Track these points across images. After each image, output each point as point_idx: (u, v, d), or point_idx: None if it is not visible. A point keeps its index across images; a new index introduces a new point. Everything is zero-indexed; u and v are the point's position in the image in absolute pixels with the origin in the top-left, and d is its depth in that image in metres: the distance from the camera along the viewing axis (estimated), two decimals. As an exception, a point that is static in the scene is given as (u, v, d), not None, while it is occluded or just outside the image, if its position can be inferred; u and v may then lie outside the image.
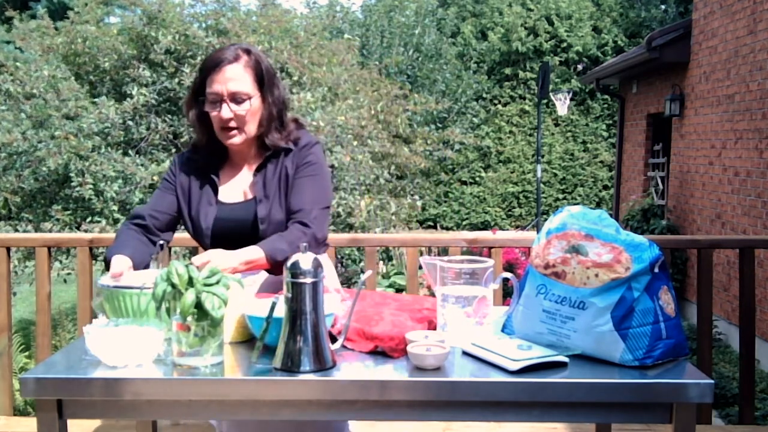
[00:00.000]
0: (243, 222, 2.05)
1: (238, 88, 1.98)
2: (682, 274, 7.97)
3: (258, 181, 2.07)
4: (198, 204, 2.08)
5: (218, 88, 1.98)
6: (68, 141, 5.05)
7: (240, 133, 2.02)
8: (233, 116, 1.99)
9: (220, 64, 1.98)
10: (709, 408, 3.25)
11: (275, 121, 2.06)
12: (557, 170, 14.86)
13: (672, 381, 1.50)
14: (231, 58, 1.99)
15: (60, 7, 16.04)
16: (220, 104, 1.99)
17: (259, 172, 2.08)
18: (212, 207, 2.07)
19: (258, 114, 2.03)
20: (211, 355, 1.54)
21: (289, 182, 2.05)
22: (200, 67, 2.06)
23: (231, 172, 2.13)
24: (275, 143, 2.06)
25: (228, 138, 2.03)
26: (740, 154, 6.82)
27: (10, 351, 3.22)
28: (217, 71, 1.98)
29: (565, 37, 14.67)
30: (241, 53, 2.01)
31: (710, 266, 3.09)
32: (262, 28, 5.90)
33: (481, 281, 1.70)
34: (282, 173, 2.06)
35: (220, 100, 1.98)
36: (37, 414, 1.53)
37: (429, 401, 1.51)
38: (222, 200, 2.08)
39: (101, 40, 5.83)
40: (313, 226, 1.99)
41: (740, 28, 6.91)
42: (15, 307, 4.28)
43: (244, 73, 1.99)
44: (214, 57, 2.01)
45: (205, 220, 2.05)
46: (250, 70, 2.00)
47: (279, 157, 2.08)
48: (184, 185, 2.12)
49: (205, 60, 2.05)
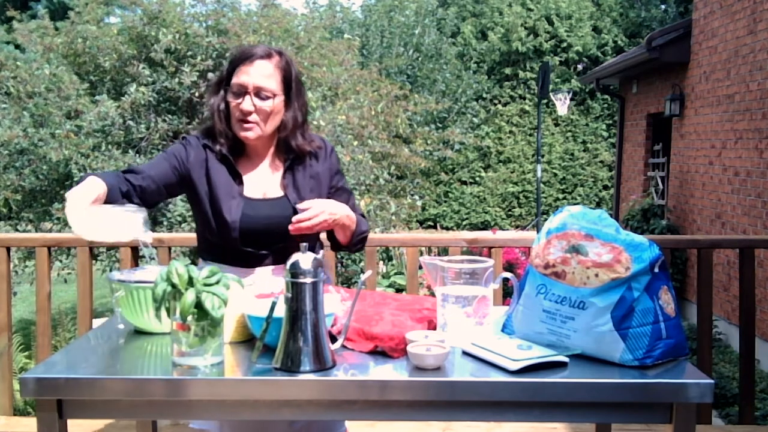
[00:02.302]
0: (276, 219, 2.02)
1: (264, 84, 1.99)
2: (682, 274, 7.97)
3: (288, 182, 2.08)
4: (220, 195, 2.03)
5: (245, 80, 1.99)
6: (69, 139, 5.05)
7: (256, 128, 2.01)
8: (254, 110, 1.99)
9: (251, 57, 2.00)
10: (709, 408, 3.25)
11: (299, 127, 2.08)
12: (557, 170, 14.86)
13: (672, 381, 1.50)
14: (263, 54, 2.01)
15: (60, 7, 16.05)
16: (243, 96, 1.99)
17: (288, 173, 2.09)
18: (236, 200, 2.02)
19: (278, 115, 2.04)
20: (211, 355, 1.54)
21: (318, 185, 2.10)
22: (230, 58, 2.06)
23: (250, 167, 2.11)
24: (301, 147, 2.08)
25: (243, 130, 2.02)
26: (740, 154, 6.82)
27: (10, 351, 3.22)
28: (247, 64, 1.99)
29: (565, 37, 14.67)
30: (274, 53, 2.03)
31: (710, 266, 3.09)
32: (263, 29, 5.90)
33: (481, 281, 1.70)
34: (312, 176, 2.11)
35: (245, 92, 1.99)
36: (37, 414, 1.53)
37: (429, 401, 1.51)
38: (247, 195, 2.05)
39: (101, 40, 5.83)
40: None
41: (740, 28, 6.91)
42: (15, 307, 4.28)
43: (273, 72, 2.01)
44: (246, 50, 2.02)
45: (229, 213, 2.01)
46: (279, 71, 2.02)
47: (305, 160, 2.11)
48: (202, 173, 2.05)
49: (237, 52, 2.06)
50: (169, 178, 2.03)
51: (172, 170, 2.04)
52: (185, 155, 2.06)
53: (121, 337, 1.81)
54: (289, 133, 2.06)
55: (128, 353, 1.71)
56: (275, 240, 2.01)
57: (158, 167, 2.03)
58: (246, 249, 2.02)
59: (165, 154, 2.07)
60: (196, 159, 2.06)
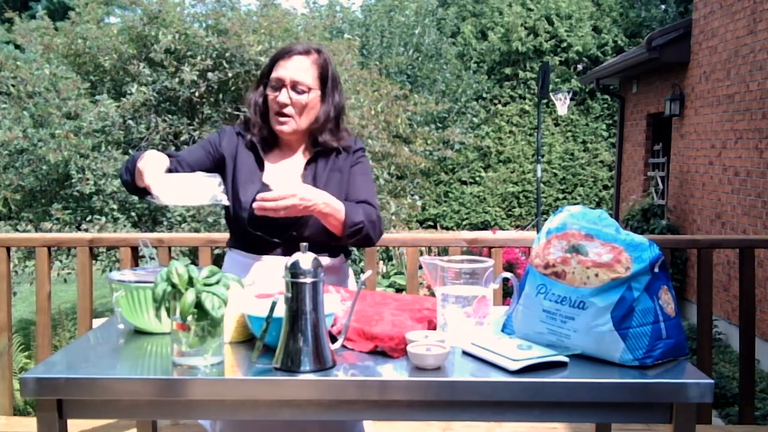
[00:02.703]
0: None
1: (300, 78, 2.06)
2: (682, 274, 7.96)
3: (308, 173, 2.13)
4: (242, 176, 2.11)
5: (282, 74, 2.07)
6: (68, 139, 5.05)
7: (292, 122, 2.09)
8: (290, 103, 2.07)
9: (290, 53, 2.09)
10: (709, 408, 3.25)
11: (331, 123, 2.14)
12: (557, 170, 14.86)
13: (672, 381, 1.50)
14: (302, 51, 2.10)
15: (60, 7, 16.04)
16: (280, 89, 2.07)
17: (310, 164, 2.14)
18: (254, 185, 2.10)
19: (314, 110, 2.11)
20: (211, 355, 1.54)
21: (341, 179, 2.12)
22: (272, 55, 2.16)
23: (277, 158, 2.18)
24: (326, 142, 2.13)
25: (279, 124, 2.10)
26: (740, 154, 6.82)
27: (10, 351, 3.22)
28: (285, 58, 2.08)
29: (565, 37, 14.67)
30: (312, 50, 2.11)
31: (710, 266, 3.09)
32: (263, 29, 5.90)
33: (481, 281, 1.70)
34: (334, 169, 2.13)
35: (282, 85, 2.07)
36: (37, 414, 1.53)
37: (429, 401, 1.51)
38: (266, 181, 2.12)
39: (101, 40, 5.84)
40: (378, 212, 2.08)
41: (740, 28, 6.91)
42: (15, 307, 4.28)
43: (310, 67, 2.09)
44: (286, 47, 2.13)
45: (244, 194, 2.08)
46: (316, 67, 2.09)
47: (330, 155, 2.15)
48: (231, 155, 2.15)
49: (278, 49, 2.17)
50: (204, 164, 2.12)
51: (206, 155, 2.14)
52: (218, 141, 2.17)
53: (121, 337, 1.81)
54: (319, 127, 2.12)
55: (128, 353, 1.71)
56: (285, 228, 2.04)
57: (194, 153, 2.14)
58: (257, 233, 2.06)
59: (201, 142, 2.21)
60: (228, 144, 2.16)
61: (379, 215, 2.09)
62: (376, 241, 2.07)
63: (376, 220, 2.05)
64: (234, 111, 6.01)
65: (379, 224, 2.07)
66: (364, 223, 2.00)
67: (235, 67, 5.71)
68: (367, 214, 2.02)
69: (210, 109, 6.01)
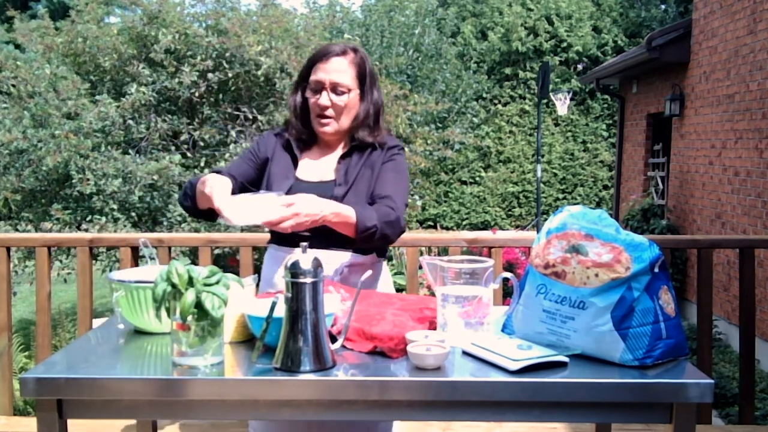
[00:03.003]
0: None
1: (339, 80, 2.08)
2: (682, 274, 7.96)
3: (341, 168, 2.14)
4: (277, 172, 2.15)
5: (322, 77, 2.09)
6: (68, 140, 5.05)
7: (334, 123, 2.12)
8: (331, 105, 2.09)
9: (327, 55, 2.11)
10: (709, 408, 3.25)
11: (369, 119, 2.16)
12: (557, 170, 14.86)
13: (672, 381, 1.50)
14: (339, 52, 2.11)
15: (60, 7, 16.04)
16: (320, 92, 2.10)
17: (344, 159, 2.16)
18: (288, 180, 2.13)
19: (354, 109, 2.13)
20: (211, 355, 1.54)
21: (371, 176, 2.13)
22: (309, 57, 2.18)
23: (315, 155, 2.20)
24: (363, 138, 2.15)
25: (321, 125, 2.13)
26: (740, 154, 6.82)
27: (10, 351, 3.22)
28: (323, 61, 2.10)
29: (565, 37, 14.66)
30: (349, 50, 2.13)
31: (710, 266, 3.09)
32: (263, 28, 5.90)
33: (481, 281, 1.70)
34: (366, 165, 2.14)
35: (322, 88, 2.09)
36: (37, 414, 1.53)
37: (429, 401, 1.51)
38: (299, 176, 2.15)
39: (101, 40, 5.84)
40: (398, 212, 2.04)
41: (740, 28, 6.91)
42: (15, 307, 4.28)
43: (348, 68, 2.10)
44: (323, 48, 2.14)
45: (278, 188, 2.09)
46: (354, 66, 2.11)
47: (365, 151, 2.16)
48: (269, 154, 2.20)
49: (315, 51, 2.18)
50: (249, 175, 2.18)
51: (249, 165, 2.20)
52: (257, 148, 2.23)
53: (121, 337, 1.81)
54: (357, 125, 2.14)
55: (128, 353, 1.71)
56: None
57: (239, 167, 2.19)
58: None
59: (243, 153, 2.25)
60: (266, 147, 2.22)
61: (400, 214, 2.04)
62: (395, 240, 2.05)
63: (394, 220, 2.01)
64: (234, 111, 6.01)
65: (399, 223, 2.02)
66: (377, 226, 1.95)
67: (235, 68, 5.71)
68: (383, 216, 1.98)
69: (210, 109, 6.01)
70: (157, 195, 5.43)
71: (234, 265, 5.29)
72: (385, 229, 1.98)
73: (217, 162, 5.62)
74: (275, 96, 6.04)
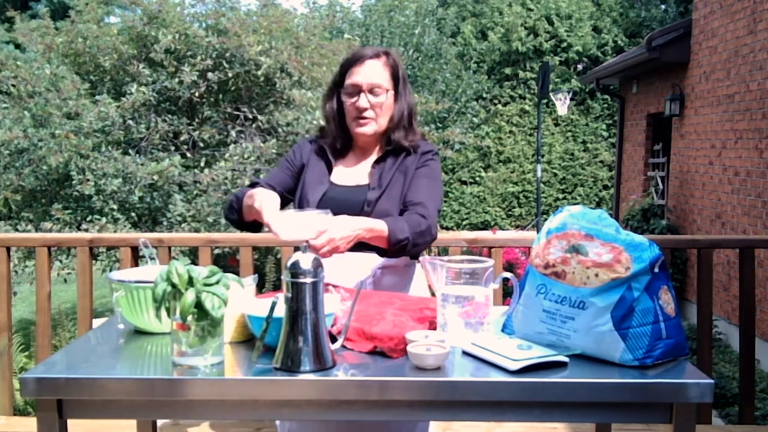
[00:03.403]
0: (350, 204, 2.09)
1: (376, 81, 2.13)
2: (682, 274, 7.96)
3: (375, 172, 2.16)
4: (312, 178, 2.18)
5: (358, 80, 2.13)
6: (69, 140, 5.05)
7: (373, 123, 2.15)
8: (369, 107, 2.13)
9: (362, 59, 2.15)
10: (709, 408, 3.25)
11: (404, 121, 2.19)
12: (557, 170, 14.86)
13: (672, 381, 1.50)
14: (372, 55, 2.16)
15: (60, 7, 16.04)
16: (358, 95, 2.13)
17: (378, 164, 2.18)
18: (323, 185, 2.16)
19: (390, 110, 2.17)
20: (211, 355, 1.54)
21: (404, 181, 2.14)
22: (341, 62, 2.21)
23: (351, 161, 2.23)
24: (399, 141, 2.17)
25: (360, 126, 2.15)
26: (740, 154, 6.82)
27: (10, 351, 3.22)
28: (358, 65, 2.14)
29: (565, 37, 14.66)
30: (382, 53, 2.17)
31: (710, 266, 3.09)
32: (263, 28, 5.90)
33: (481, 281, 1.70)
34: (400, 169, 2.16)
35: (359, 91, 2.13)
36: (37, 414, 1.53)
37: (429, 401, 1.51)
38: (334, 181, 2.17)
39: (102, 40, 5.84)
40: (429, 219, 2.05)
41: (740, 28, 6.91)
42: (15, 307, 4.28)
43: (383, 70, 2.15)
44: (356, 53, 2.18)
45: (313, 193, 2.13)
46: (388, 68, 2.16)
47: (400, 155, 2.18)
48: (305, 161, 2.23)
49: (348, 56, 2.21)
50: (288, 184, 2.23)
51: (287, 174, 2.24)
52: (293, 156, 2.27)
53: (121, 337, 1.81)
54: (395, 127, 2.17)
55: (128, 353, 1.71)
56: None
57: (277, 177, 2.24)
58: None
59: (280, 163, 2.29)
60: (302, 154, 2.26)
61: (431, 222, 2.05)
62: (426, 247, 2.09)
63: (425, 230, 2.02)
64: (234, 111, 6.01)
65: (430, 231, 2.04)
66: (409, 239, 1.97)
67: (235, 67, 5.71)
68: (414, 226, 2.00)
69: (210, 109, 6.02)
70: (157, 195, 5.43)
71: (234, 265, 5.29)
72: (417, 239, 2.00)
73: (217, 162, 5.62)
74: (275, 96, 6.04)
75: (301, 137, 5.54)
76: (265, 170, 5.55)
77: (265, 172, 5.55)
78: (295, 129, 5.59)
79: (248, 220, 2.07)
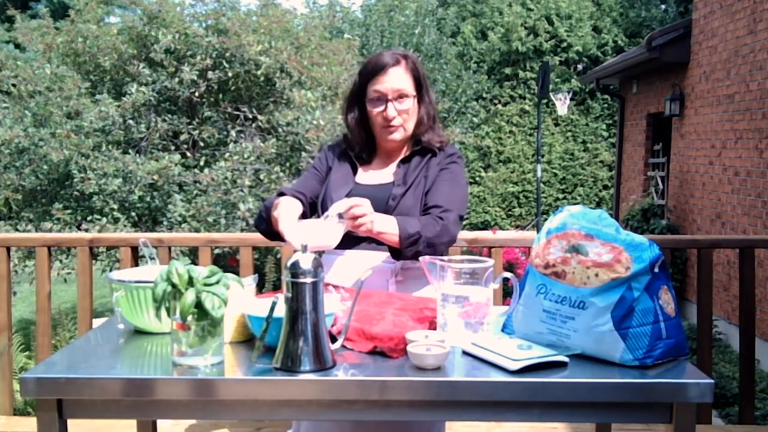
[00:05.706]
0: (375, 201, 2.06)
1: (401, 87, 2.11)
2: (682, 274, 7.96)
3: (400, 171, 2.17)
4: (336, 179, 2.19)
5: (383, 89, 2.11)
6: (69, 139, 5.06)
7: (401, 130, 2.15)
8: (397, 114, 2.13)
9: (384, 67, 2.12)
10: (709, 408, 3.25)
11: (430, 121, 2.20)
12: (557, 170, 14.86)
13: (672, 381, 1.50)
14: (393, 62, 2.13)
15: (60, 7, 16.04)
16: (384, 103, 2.12)
17: (404, 164, 2.19)
18: (347, 185, 2.17)
19: (416, 114, 2.17)
20: (211, 355, 1.54)
21: (425, 184, 2.14)
22: (360, 71, 2.19)
23: (376, 165, 2.24)
24: (431, 141, 2.18)
25: (390, 133, 2.15)
26: (740, 153, 6.82)
27: (10, 351, 3.21)
28: (381, 74, 2.12)
29: (565, 37, 14.66)
30: (401, 58, 2.15)
31: (710, 266, 3.09)
32: (263, 28, 5.91)
33: (481, 281, 1.70)
34: (425, 169, 2.16)
35: (385, 99, 2.12)
36: (37, 414, 1.53)
37: (429, 401, 1.51)
38: (358, 181, 2.19)
39: (102, 40, 5.84)
40: (446, 220, 2.03)
41: (740, 27, 6.91)
42: (15, 307, 4.28)
43: (405, 75, 2.14)
44: (376, 62, 2.14)
45: (337, 195, 2.12)
46: (410, 73, 2.15)
47: (426, 156, 2.18)
48: (331, 164, 2.25)
49: (366, 65, 2.18)
50: (317, 189, 2.22)
51: (315, 180, 2.25)
52: (320, 162, 2.28)
53: (121, 337, 1.81)
54: (423, 129, 2.18)
55: (128, 353, 1.71)
56: None
57: (305, 184, 2.23)
58: None
59: (308, 170, 2.30)
60: (328, 159, 2.27)
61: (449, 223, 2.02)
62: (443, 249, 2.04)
63: (441, 230, 2.00)
64: (234, 111, 6.01)
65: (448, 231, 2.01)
66: (420, 233, 1.95)
67: (235, 67, 5.71)
68: (428, 224, 1.99)
69: (210, 109, 6.02)
70: (157, 195, 5.43)
71: (234, 265, 5.29)
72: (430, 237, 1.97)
73: (217, 162, 5.63)
74: (275, 96, 6.04)
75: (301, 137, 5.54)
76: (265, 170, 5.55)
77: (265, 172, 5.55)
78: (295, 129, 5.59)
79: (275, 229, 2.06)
